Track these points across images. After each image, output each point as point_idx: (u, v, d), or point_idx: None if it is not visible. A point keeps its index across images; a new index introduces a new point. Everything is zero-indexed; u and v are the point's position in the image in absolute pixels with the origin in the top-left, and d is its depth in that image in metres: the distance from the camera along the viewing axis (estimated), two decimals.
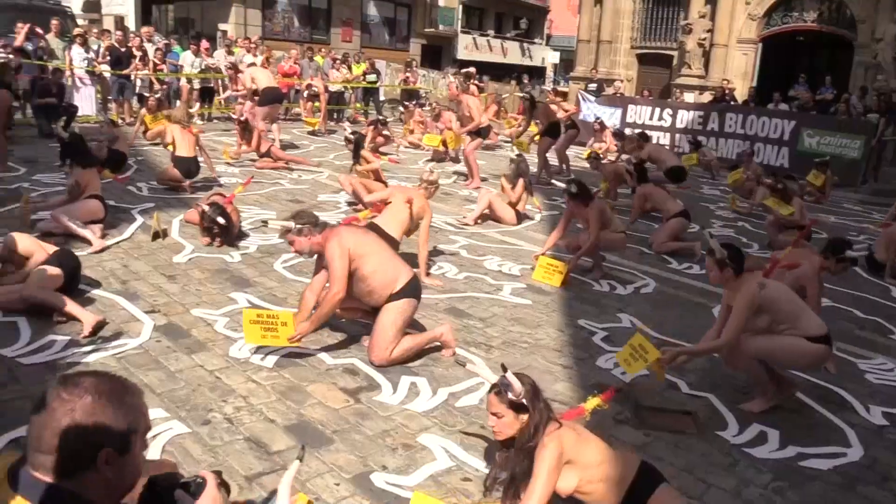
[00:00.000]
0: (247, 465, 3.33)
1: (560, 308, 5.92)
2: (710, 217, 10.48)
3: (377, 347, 4.43)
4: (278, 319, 4.34)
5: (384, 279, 4.49)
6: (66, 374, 1.62)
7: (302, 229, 4.45)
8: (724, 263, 4.38)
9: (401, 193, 6.35)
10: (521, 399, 2.98)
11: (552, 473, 2.89)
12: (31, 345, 4.37)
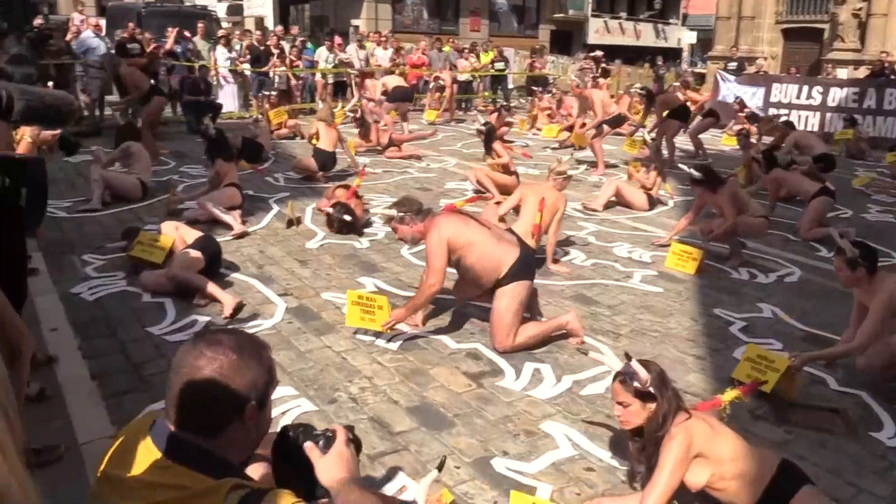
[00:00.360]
0: (370, 444, 3.38)
1: (694, 296, 5.63)
2: (866, 202, 9.65)
3: (499, 334, 4.38)
4: (375, 303, 4.39)
5: (488, 265, 4.39)
6: (200, 333, 1.65)
7: (404, 217, 4.42)
8: (855, 263, 4.13)
9: (532, 195, 6.01)
10: (647, 387, 2.82)
11: (678, 466, 2.73)
12: (176, 323, 4.65)
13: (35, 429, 3.34)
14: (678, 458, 2.73)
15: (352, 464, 1.67)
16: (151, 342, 4.40)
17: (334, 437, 1.70)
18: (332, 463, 1.65)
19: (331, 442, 1.69)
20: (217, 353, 1.59)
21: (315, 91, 16.64)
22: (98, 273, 5.53)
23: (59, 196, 7.79)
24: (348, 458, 1.67)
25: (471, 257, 4.37)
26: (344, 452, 1.67)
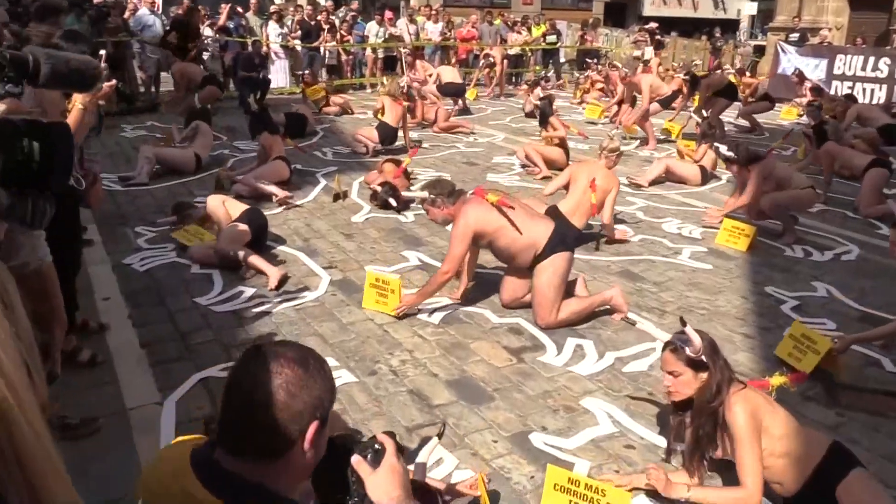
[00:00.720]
0: (409, 416, 3.40)
1: (745, 274, 5.48)
2: None
3: (541, 310, 4.34)
4: (388, 286, 4.44)
5: (523, 244, 4.35)
6: (256, 347, 1.46)
7: (435, 200, 4.46)
8: None
9: (584, 175, 5.86)
10: (700, 356, 2.73)
11: (754, 434, 2.67)
12: (223, 294, 4.74)
13: (86, 393, 3.46)
14: (750, 426, 2.67)
15: (404, 478, 1.54)
16: (199, 312, 4.49)
17: (384, 449, 1.55)
18: (385, 479, 1.51)
19: (380, 455, 1.55)
20: (281, 367, 1.41)
21: (365, 66, 16.65)
22: (149, 245, 5.66)
23: (114, 169, 8.00)
24: (401, 473, 1.53)
25: (504, 239, 4.35)
26: (396, 467, 1.53)
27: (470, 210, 4.34)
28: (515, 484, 2.94)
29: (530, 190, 7.78)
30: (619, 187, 6.04)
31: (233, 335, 4.18)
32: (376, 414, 3.41)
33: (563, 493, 2.71)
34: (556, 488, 2.73)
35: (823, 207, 7.53)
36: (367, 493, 1.51)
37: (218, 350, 4.00)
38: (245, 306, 4.57)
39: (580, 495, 2.68)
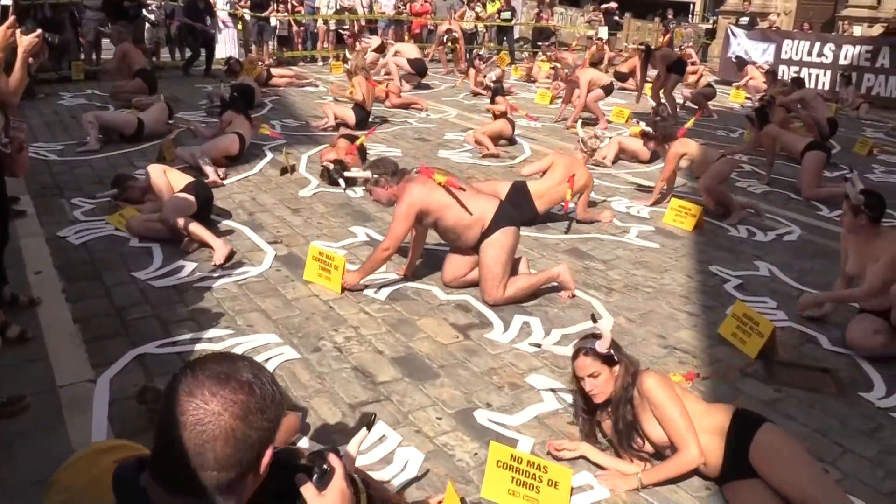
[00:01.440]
0: (352, 393, 3.34)
1: (690, 253, 5.55)
2: (872, 163, 9.49)
3: (488, 286, 4.32)
4: (332, 262, 4.39)
5: (469, 221, 4.32)
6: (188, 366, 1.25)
7: (378, 180, 4.38)
8: (859, 210, 4.15)
9: (562, 166, 5.88)
10: (610, 350, 2.85)
11: (675, 400, 2.77)
12: (162, 269, 4.59)
13: (14, 370, 3.31)
14: (667, 392, 2.78)
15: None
16: (136, 287, 4.34)
17: (332, 471, 1.43)
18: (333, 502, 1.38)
19: (328, 477, 1.42)
20: (234, 392, 1.21)
21: (317, 38, 16.33)
22: (86, 217, 5.45)
23: (51, 139, 7.69)
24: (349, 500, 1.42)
25: (449, 219, 4.31)
26: (345, 492, 1.41)
27: (415, 188, 4.28)
28: (458, 461, 2.92)
29: (482, 167, 7.75)
30: (593, 184, 6.13)
31: (172, 311, 4.05)
32: (319, 391, 3.35)
33: (506, 470, 2.70)
34: (498, 465, 2.72)
35: (767, 189, 7.69)
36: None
37: (156, 326, 3.87)
38: (186, 281, 4.44)
39: (522, 471, 2.68)
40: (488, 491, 2.72)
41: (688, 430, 2.73)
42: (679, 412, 2.75)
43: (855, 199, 4.13)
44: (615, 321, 4.26)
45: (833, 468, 3.04)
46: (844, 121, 12.33)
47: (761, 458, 2.65)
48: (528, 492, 2.67)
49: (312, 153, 7.65)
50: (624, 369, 2.86)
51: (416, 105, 11.05)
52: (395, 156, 7.93)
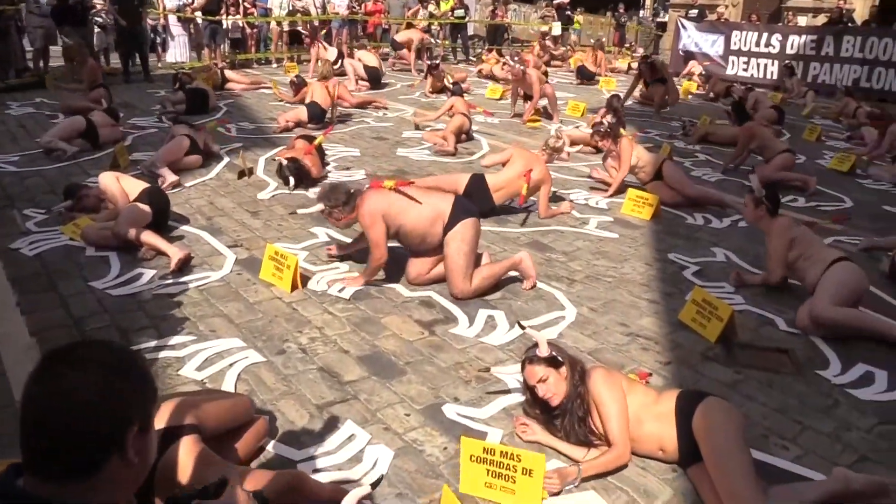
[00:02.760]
0: (318, 393, 3.33)
1: (649, 242, 5.64)
2: (822, 148, 9.75)
3: (455, 279, 4.34)
4: (286, 262, 4.40)
5: (429, 216, 4.37)
6: (57, 349, 1.28)
7: (332, 212, 4.43)
8: (760, 202, 4.60)
9: (521, 161, 5.94)
10: (552, 353, 2.94)
11: (616, 392, 2.85)
12: (120, 277, 4.51)
13: None
14: (611, 385, 2.87)
15: None
16: (94, 297, 4.26)
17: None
18: None
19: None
20: (85, 371, 1.24)
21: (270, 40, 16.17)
22: (39, 228, 5.32)
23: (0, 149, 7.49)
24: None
25: (410, 219, 4.35)
26: None
27: (370, 198, 4.35)
28: (429, 456, 2.93)
29: (440, 164, 7.77)
30: (551, 182, 6.16)
31: (131, 319, 3.98)
32: (285, 393, 3.32)
33: (480, 464, 2.70)
34: (472, 459, 2.71)
35: (721, 177, 7.85)
36: None
37: (115, 335, 3.80)
38: (144, 289, 4.37)
39: (496, 463, 2.68)
40: (466, 486, 2.73)
41: (621, 429, 2.80)
42: (616, 411, 2.82)
43: (758, 192, 4.56)
44: (578, 311, 4.31)
45: (793, 445, 3.13)
46: (791, 108, 12.67)
47: (697, 429, 2.72)
48: (504, 482, 2.68)
49: (270, 156, 7.57)
50: (570, 368, 2.95)
51: (376, 103, 11.02)
52: (354, 155, 7.91)
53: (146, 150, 7.55)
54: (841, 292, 4.15)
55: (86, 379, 1.23)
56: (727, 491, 2.52)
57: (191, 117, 9.31)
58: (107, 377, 1.25)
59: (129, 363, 1.32)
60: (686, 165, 8.28)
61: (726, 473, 2.54)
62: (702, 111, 11.60)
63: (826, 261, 4.31)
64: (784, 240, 4.52)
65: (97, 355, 1.29)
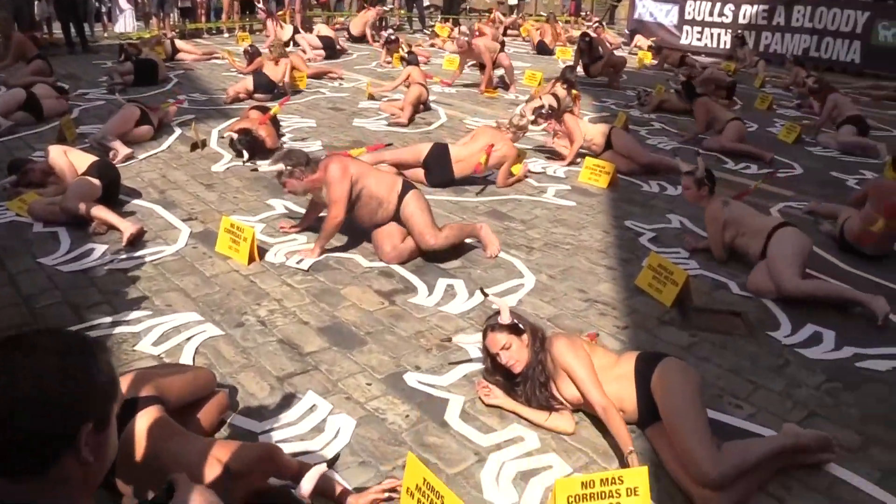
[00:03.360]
0: (279, 365, 3.31)
1: (606, 209, 5.70)
2: (773, 116, 9.93)
3: (423, 232, 4.39)
4: (242, 234, 4.35)
5: (387, 185, 4.50)
6: (11, 336, 1.23)
7: (293, 171, 4.32)
8: (702, 182, 4.75)
9: (486, 138, 5.99)
10: (513, 320, 2.96)
11: (581, 357, 2.87)
12: (71, 253, 4.39)
13: None
14: (575, 350, 2.89)
15: None
16: (44, 273, 4.15)
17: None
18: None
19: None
20: (35, 361, 1.17)
21: (221, 10, 15.78)
22: None
23: None
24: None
25: (370, 185, 4.43)
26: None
27: (334, 161, 4.39)
28: (391, 424, 2.94)
29: (398, 134, 7.71)
30: (514, 158, 6.16)
31: (83, 296, 3.89)
32: (245, 366, 3.29)
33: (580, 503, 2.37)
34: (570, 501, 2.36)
35: (676, 145, 7.95)
36: None
37: (67, 312, 3.71)
38: (96, 264, 4.27)
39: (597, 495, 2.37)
40: None
41: (594, 384, 2.82)
42: (586, 369, 2.84)
43: (700, 173, 4.74)
44: (537, 278, 4.35)
45: (746, 403, 3.22)
46: (744, 77, 12.86)
47: (656, 391, 2.79)
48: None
49: (223, 127, 7.42)
50: (531, 335, 2.98)
51: (331, 74, 10.87)
52: (310, 126, 7.80)
53: (93, 124, 7.33)
54: (796, 260, 4.25)
55: (37, 368, 1.16)
56: (683, 448, 2.58)
57: (140, 89, 9.11)
58: (61, 369, 1.18)
59: (88, 354, 1.24)
60: (642, 134, 8.36)
61: (682, 431, 2.61)
62: (656, 80, 11.71)
63: (764, 231, 4.44)
64: (717, 225, 4.69)
65: (52, 344, 1.21)
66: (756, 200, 5.71)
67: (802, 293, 4.16)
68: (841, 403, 3.27)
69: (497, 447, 2.82)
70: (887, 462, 2.88)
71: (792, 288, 4.15)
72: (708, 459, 2.50)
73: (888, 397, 3.33)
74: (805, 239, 4.41)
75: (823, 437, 2.84)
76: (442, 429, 2.92)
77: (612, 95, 10.84)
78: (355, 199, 4.42)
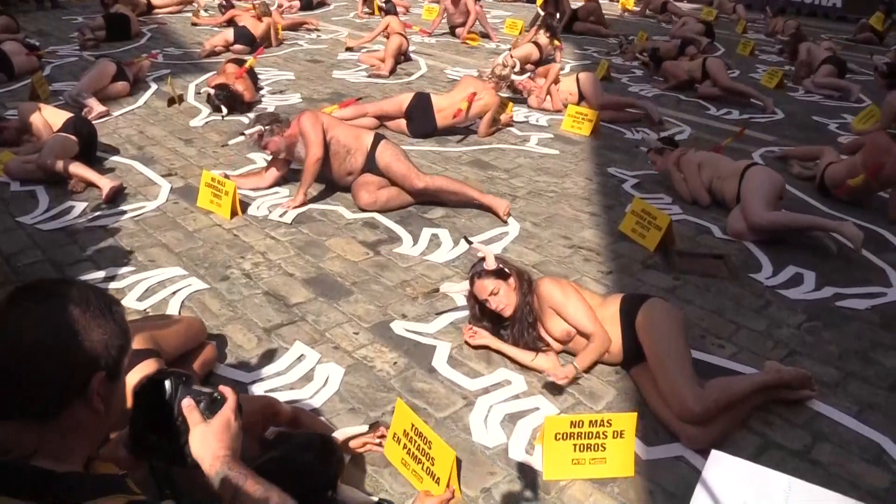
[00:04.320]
0: (265, 317, 3.31)
1: (589, 157, 5.69)
2: (755, 63, 9.89)
3: (407, 176, 4.43)
4: (223, 188, 4.32)
5: (355, 136, 4.58)
6: (26, 285, 1.25)
7: (272, 129, 4.53)
8: (662, 150, 5.03)
9: (470, 86, 5.91)
10: (499, 265, 2.99)
11: (571, 294, 2.92)
12: (50, 211, 4.34)
13: None
14: (562, 289, 2.93)
15: (236, 440, 1.38)
16: (24, 232, 4.09)
17: (223, 400, 1.39)
18: (215, 434, 1.34)
19: (217, 406, 1.38)
20: (51, 309, 1.20)
21: None
22: None
23: None
24: (235, 432, 1.38)
25: (339, 134, 4.54)
26: (231, 424, 1.38)
27: (304, 113, 4.55)
28: (379, 371, 2.96)
29: (378, 85, 7.61)
30: (497, 107, 6.10)
31: (65, 253, 3.85)
32: (231, 318, 3.29)
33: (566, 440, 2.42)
34: (557, 438, 2.42)
35: (658, 92, 7.91)
36: (189, 444, 1.34)
37: (50, 270, 3.68)
38: (76, 222, 4.22)
39: (585, 434, 2.42)
40: (550, 471, 2.43)
41: (589, 318, 2.88)
42: (579, 305, 2.89)
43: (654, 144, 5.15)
44: (521, 226, 4.36)
45: (729, 343, 3.27)
46: (725, 23, 12.77)
47: (641, 331, 2.82)
48: (593, 454, 2.43)
49: (200, 81, 7.28)
50: (517, 279, 3.01)
51: (308, 25, 10.65)
52: (288, 79, 7.68)
53: (67, 80, 7.16)
54: (765, 194, 4.31)
55: (55, 316, 1.19)
56: (667, 385, 2.63)
57: (113, 44, 8.89)
58: (78, 318, 1.21)
59: (103, 306, 1.26)
60: (623, 81, 8.31)
61: (666, 368, 2.65)
62: (639, 27, 11.59)
63: (737, 172, 4.51)
64: (692, 167, 4.82)
65: (70, 294, 1.23)
66: (738, 146, 5.73)
67: (771, 224, 4.22)
68: (821, 342, 3.33)
69: (484, 391, 2.86)
70: (866, 396, 2.95)
71: (759, 220, 4.21)
72: (691, 395, 2.55)
73: (867, 334, 3.40)
74: (775, 176, 4.47)
75: (804, 374, 2.90)
76: (430, 375, 2.95)
77: (595, 44, 10.72)
78: (326, 149, 4.48)
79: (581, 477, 2.42)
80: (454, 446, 2.33)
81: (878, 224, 4.62)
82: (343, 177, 4.60)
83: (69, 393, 1.20)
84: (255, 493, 1.30)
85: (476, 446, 2.56)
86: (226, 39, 8.79)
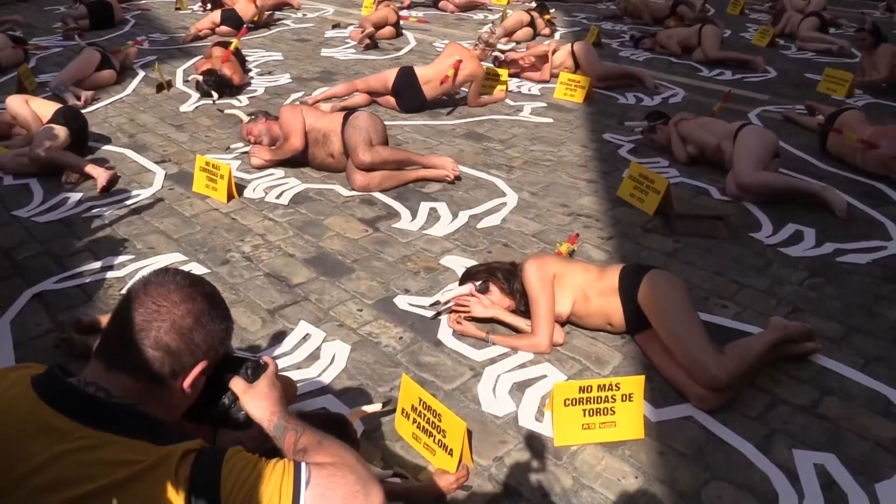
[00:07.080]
0: (269, 298, 3.30)
1: (584, 124, 5.66)
2: (745, 22, 9.81)
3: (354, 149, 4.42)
4: (219, 172, 4.30)
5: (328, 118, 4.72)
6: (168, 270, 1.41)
7: (257, 116, 4.88)
8: (653, 128, 5.06)
9: (455, 54, 5.85)
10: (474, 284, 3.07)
11: (543, 284, 2.90)
12: (45, 204, 4.30)
13: None
14: (538, 277, 2.92)
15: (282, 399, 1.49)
16: (20, 225, 4.06)
17: (265, 366, 1.52)
18: (264, 394, 1.46)
19: (261, 370, 1.51)
20: (195, 293, 1.37)
21: None
22: None
23: None
24: (280, 393, 1.49)
25: (311, 118, 4.70)
26: (275, 383, 1.49)
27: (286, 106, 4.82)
28: (385, 347, 2.97)
29: (367, 62, 7.55)
30: (483, 76, 6.05)
31: (64, 245, 3.83)
32: (234, 301, 3.29)
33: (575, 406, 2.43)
34: (567, 404, 2.43)
35: (650, 56, 7.86)
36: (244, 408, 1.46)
37: (49, 262, 3.66)
38: (73, 213, 4.19)
39: (594, 399, 2.44)
40: (561, 437, 2.45)
41: (545, 322, 2.87)
42: (544, 305, 2.88)
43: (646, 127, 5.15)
44: (519, 196, 4.35)
45: (732, 303, 3.28)
46: None
47: (644, 303, 2.81)
48: (603, 418, 2.44)
49: (187, 66, 7.21)
50: (497, 281, 3.05)
51: (289, 3, 10.52)
52: (276, 59, 7.61)
53: (53, 72, 7.08)
54: (755, 153, 4.31)
55: (189, 304, 1.35)
56: (687, 356, 2.60)
57: (97, 33, 8.79)
58: (208, 311, 1.38)
59: (226, 309, 1.45)
60: (614, 47, 8.26)
61: (683, 341, 2.63)
62: None
63: (731, 133, 4.52)
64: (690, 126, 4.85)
65: (208, 288, 1.43)
66: (732, 106, 5.71)
67: (759, 184, 4.22)
68: (824, 297, 3.34)
69: (491, 361, 2.87)
70: (871, 349, 2.97)
71: (747, 180, 4.23)
72: (713, 363, 2.54)
73: (869, 288, 3.41)
74: (767, 135, 4.45)
75: (808, 327, 2.91)
76: (436, 348, 2.96)
77: (583, 10, 10.63)
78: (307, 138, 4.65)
79: (592, 441, 2.44)
80: (464, 417, 2.33)
81: (875, 179, 4.61)
82: (326, 159, 4.63)
83: (178, 369, 1.34)
84: (315, 438, 1.39)
85: (486, 416, 2.57)
86: (213, 21, 8.70)
